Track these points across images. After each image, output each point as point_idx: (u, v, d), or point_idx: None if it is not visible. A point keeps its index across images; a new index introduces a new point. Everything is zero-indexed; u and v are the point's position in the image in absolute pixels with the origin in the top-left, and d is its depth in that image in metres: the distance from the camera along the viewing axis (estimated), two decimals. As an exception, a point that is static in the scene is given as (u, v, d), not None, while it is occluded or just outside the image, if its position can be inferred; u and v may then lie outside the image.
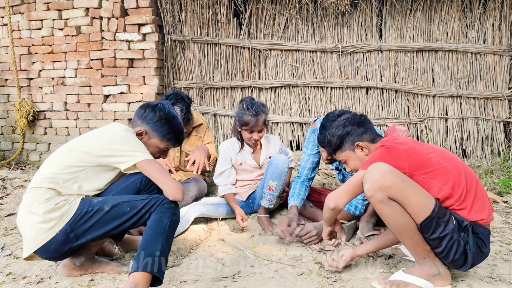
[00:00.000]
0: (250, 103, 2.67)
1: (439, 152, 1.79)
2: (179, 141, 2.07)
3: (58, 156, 1.84)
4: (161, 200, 1.76)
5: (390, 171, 1.64)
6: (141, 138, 1.97)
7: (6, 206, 3.18)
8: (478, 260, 1.75)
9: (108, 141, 1.80)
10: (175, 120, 2.04)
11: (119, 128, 1.86)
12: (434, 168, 1.71)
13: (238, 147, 2.81)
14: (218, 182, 2.78)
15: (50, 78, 4.41)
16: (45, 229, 1.70)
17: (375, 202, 1.67)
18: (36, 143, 4.55)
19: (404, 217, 1.65)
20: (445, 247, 1.66)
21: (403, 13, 4.11)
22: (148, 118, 1.98)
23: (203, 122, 3.13)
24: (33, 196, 1.74)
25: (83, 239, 1.74)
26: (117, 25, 4.16)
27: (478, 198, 1.71)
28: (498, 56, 4.02)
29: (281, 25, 4.28)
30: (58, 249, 1.74)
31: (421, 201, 1.63)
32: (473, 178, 1.74)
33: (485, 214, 1.71)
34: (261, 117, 2.65)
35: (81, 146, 1.82)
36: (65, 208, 1.71)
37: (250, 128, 2.64)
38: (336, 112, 2.43)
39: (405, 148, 1.75)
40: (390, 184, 1.61)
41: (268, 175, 2.66)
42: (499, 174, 3.74)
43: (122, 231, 1.81)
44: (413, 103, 4.19)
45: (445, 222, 1.64)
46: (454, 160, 1.77)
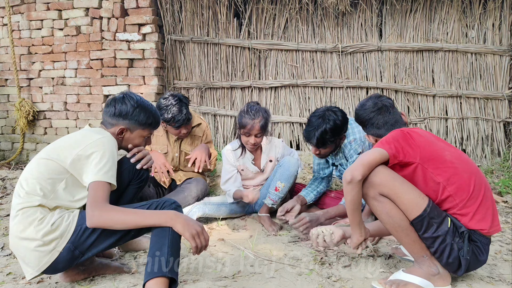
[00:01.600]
0: (251, 106, 2.64)
1: (456, 153, 1.77)
2: (158, 122, 2.00)
3: (35, 166, 1.72)
4: (162, 203, 1.74)
5: (382, 169, 1.68)
6: (122, 136, 1.90)
7: (6, 206, 3.18)
8: (474, 267, 1.74)
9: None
10: (146, 102, 1.96)
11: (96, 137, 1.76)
12: (445, 165, 1.70)
13: (239, 153, 2.78)
14: (225, 188, 2.77)
15: (50, 78, 4.41)
16: (47, 251, 1.62)
17: (367, 199, 1.71)
18: (36, 143, 4.55)
19: (398, 214, 1.67)
20: (437, 248, 1.66)
21: (403, 13, 4.11)
22: (123, 113, 1.87)
23: (202, 122, 3.13)
24: (23, 219, 1.62)
25: (89, 253, 1.68)
26: (117, 25, 4.16)
27: (482, 207, 1.68)
28: (498, 56, 4.02)
29: (281, 25, 4.28)
30: (66, 266, 1.69)
31: (412, 200, 1.65)
32: (482, 186, 1.71)
33: (487, 225, 1.67)
34: (259, 121, 2.59)
35: (56, 154, 1.71)
36: (64, 225, 1.63)
37: (247, 131, 2.61)
38: (322, 108, 2.51)
39: (421, 139, 1.75)
40: (381, 182, 1.66)
41: (277, 176, 2.66)
42: (499, 174, 3.74)
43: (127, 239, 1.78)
44: (413, 103, 4.19)
45: (438, 223, 1.64)
46: (467, 164, 1.74)
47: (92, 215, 1.59)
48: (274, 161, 2.82)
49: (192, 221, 1.64)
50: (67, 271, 1.83)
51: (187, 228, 1.60)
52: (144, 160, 1.96)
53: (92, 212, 1.59)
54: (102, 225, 1.61)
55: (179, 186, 2.95)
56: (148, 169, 2.03)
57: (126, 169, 1.94)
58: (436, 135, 1.99)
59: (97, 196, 1.61)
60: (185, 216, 1.66)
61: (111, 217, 1.60)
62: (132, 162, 1.94)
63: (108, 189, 1.66)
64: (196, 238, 1.61)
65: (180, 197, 2.74)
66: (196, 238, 1.61)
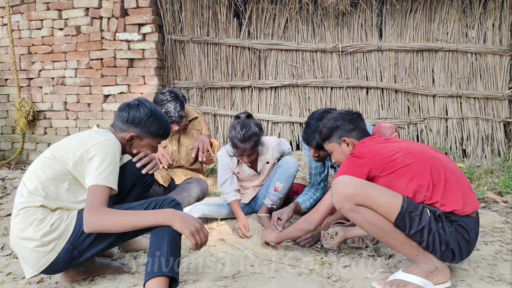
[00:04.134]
0: (242, 126, 2.52)
1: (407, 150, 1.80)
2: (168, 133, 1.99)
3: (39, 165, 1.71)
4: (161, 201, 1.73)
5: (350, 180, 1.74)
6: (131, 142, 1.88)
7: (6, 206, 3.18)
8: (466, 248, 1.74)
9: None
10: (159, 111, 1.94)
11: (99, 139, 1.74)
12: (398, 167, 1.76)
13: (235, 160, 2.75)
14: (222, 190, 2.76)
15: (50, 78, 4.41)
16: (46, 251, 1.62)
17: (346, 213, 1.74)
18: (36, 143, 4.55)
19: (378, 219, 1.69)
20: (427, 240, 1.68)
21: (403, 13, 4.11)
22: (136, 121, 1.85)
23: (198, 116, 3.14)
24: (24, 219, 1.62)
25: (88, 253, 1.68)
26: (117, 25, 4.16)
27: (449, 190, 1.71)
28: (498, 56, 4.02)
29: (281, 25, 4.28)
30: (65, 266, 1.69)
31: (387, 200, 1.68)
32: (440, 171, 1.73)
33: (459, 205, 1.70)
34: (250, 144, 2.52)
35: (60, 155, 1.70)
36: (63, 226, 1.63)
37: (240, 152, 2.58)
38: (320, 110, 2.50)
39: (369, 152, 1.82)
40: (353, 192, 1.70)
41: (276, 176, 2.67)
42: (499, 174, 3.74)
43: (126, 239, 1.78)
44: (413, 103, 4.19)
45: (419, 215, 1.67)
46: (421, 156, 1.78)
47: (89, 220, 1.58)
48: (271, 162, 2.81)
49: (190, 218, 1.63)
50: (67, 271, 1.82)
51: (186, 226, 1.60)
52: (150, 165, 1.94)
53: (90, 217, 1.58)
54: (99, 230, 1.60)
55: (179, 186, 2.95)
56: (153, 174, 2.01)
57: (130, 173, 1.91)
58: (388, 138, 2.02)
59: (95, 201, 1.60)
60: (183, 213, 1.65)
61: (108, 221, 1.59)
62: (138, 166, 1.91)
63: (108, 194, 1.64)
64: (196, 235, 1.60)
65: (180, 197, 2.74)
66: (195, 234, 1.60)
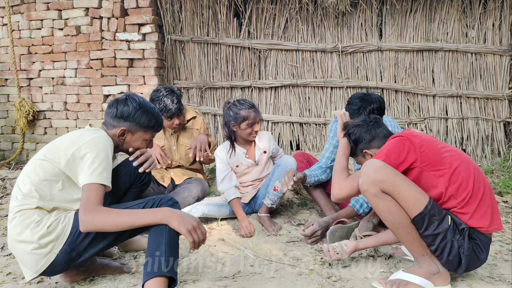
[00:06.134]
0: (238, 99, 2.74)
1: (454, 152, 1.78)
2: (160, 125, 1.97)
3: (32, 167, 1.69)
4: (158, 200, 1.72)
5: (383, 166, 1.69)
6: (123, 138, 1.87)
7: (6, 206, 3.18)
8: (474, 265, 1.74)
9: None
10: (148, 104, 1.93)
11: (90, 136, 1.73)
12: (445, 167, 1.71)
13: (230, 152, 2.80)
14: (222, 188, 2.76)
15: (50, 78, 4.41)
16: (44, 254, 1.61)
17: (369, 196, 1.71)
18: (36, 143, 4.55)
19: (399, 211, 1.67)
20: (438, 245, 1.67)
21: (403, 13, 4.11)
22: (125, 115, 1.84)
23: (196, 115, 3.14)
24: (20, 222, 1.61)
25: (86, 254, 1.67)
26: (117, 25, 4.16)
27: (482, 205, 1.69)
28: (498, 56, 4.02)
29: (281, 25, 4.28)
30: (64, 268, 1.68)
31: (414, 196, 1.65)
32: (481, 184, 1.72)
33: (486, 222, 1.68)
34: (257, 109, 2.72)
35: (52, 155, 1.69)
36: (60, 228, 1.62)
37: (252, 121, 2.67)
38: (359, 94, 2.50)
39: (420, 143, 1.76)
40: (383, 178, 1.66)
41: (275, 176, 2.68)
42: (499, 174, 3.74)
43: (125, 238, 1.77)
44: (413, 103, 4.19)
45: (439, 221, 1.65)
46: (466, 163, 1.75)
47: (85, 220, 1.56)
48: (269, 152, 2.84)
49: (187, 216, 1.62)
50: (67, 271, 1.81)
51: (183, 224, 1.59)
52: (147, 163, 1.93)
53: (85, 216, 1.56)
54: (95, 229, 1.59)
55: (179, 186, 2.95)
56: (150, 172, 2.00)
57: (127, 172, 1.91)
58: (432, 136, 2.00)
59: (90, 200, 1.59)
60: (180, 212, 1.64)
61: (104, 220, 1.57)
62: (135, 165, 1.90)
63: (102, 191, 1.63)
64: (193, 233, 1.60)
65: (180, 197, 2.74)
66: (192, 233, 1.59)
